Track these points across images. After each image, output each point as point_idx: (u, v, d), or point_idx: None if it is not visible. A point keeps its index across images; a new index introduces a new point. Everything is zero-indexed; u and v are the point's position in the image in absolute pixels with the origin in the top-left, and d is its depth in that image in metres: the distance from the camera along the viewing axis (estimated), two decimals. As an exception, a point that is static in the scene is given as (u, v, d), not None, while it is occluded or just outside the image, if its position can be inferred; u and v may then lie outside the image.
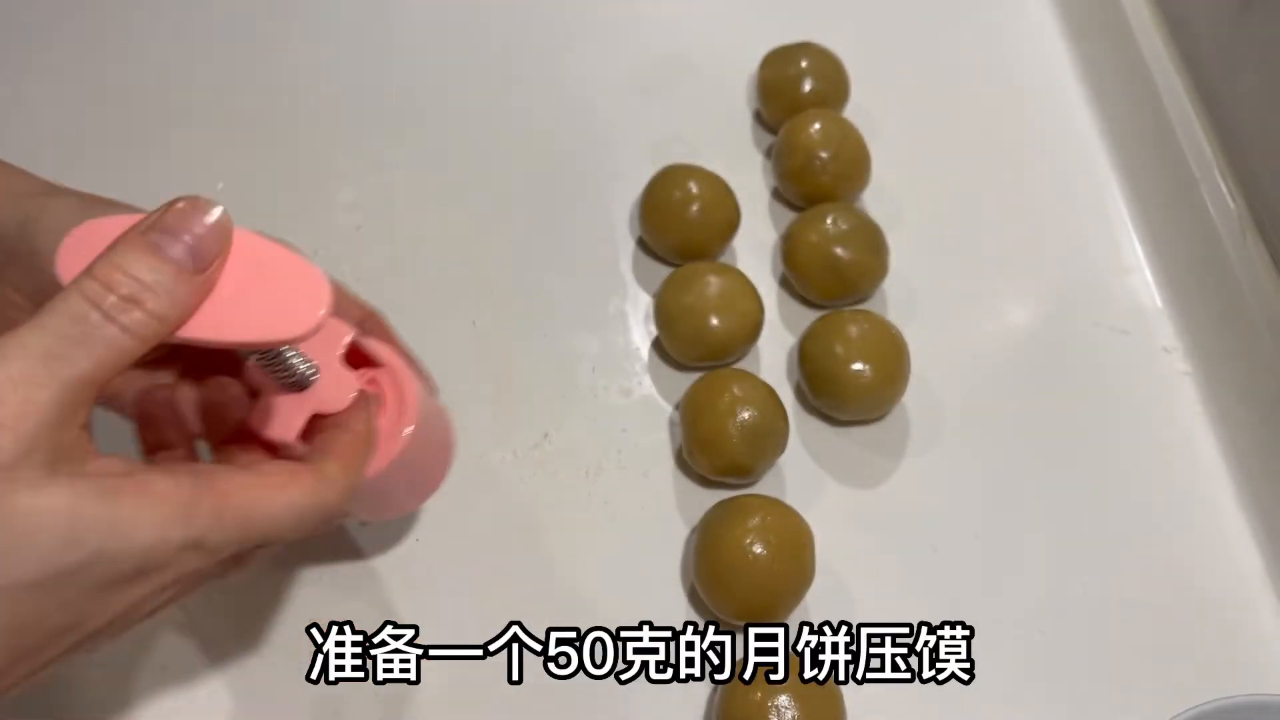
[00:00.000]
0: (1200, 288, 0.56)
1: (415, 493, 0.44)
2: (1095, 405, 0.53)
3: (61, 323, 0.26)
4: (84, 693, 0.45)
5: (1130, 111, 0.62)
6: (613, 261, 0.58)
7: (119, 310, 0.26)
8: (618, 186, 0.60)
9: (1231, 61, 0.56)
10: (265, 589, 0.47)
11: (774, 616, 0.45)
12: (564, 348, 0.54)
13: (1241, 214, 0.54)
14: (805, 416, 0.53)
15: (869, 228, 0.54)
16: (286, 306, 0.28)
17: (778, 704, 0.41)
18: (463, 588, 0.47)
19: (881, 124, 0.63)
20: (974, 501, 0.50)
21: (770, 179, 0.61)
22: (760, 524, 0.44)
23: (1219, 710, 0.40)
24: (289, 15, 0.52)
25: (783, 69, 0.61)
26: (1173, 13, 0.62)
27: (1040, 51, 0.68)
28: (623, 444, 0.51)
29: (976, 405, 0.53)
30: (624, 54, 0.66)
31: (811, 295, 0.55)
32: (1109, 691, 0.46)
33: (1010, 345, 0.55)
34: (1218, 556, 0.49)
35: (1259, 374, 0.51)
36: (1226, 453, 0.52)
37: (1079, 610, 0.47)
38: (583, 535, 0.49)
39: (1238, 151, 0.55)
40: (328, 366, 0.35)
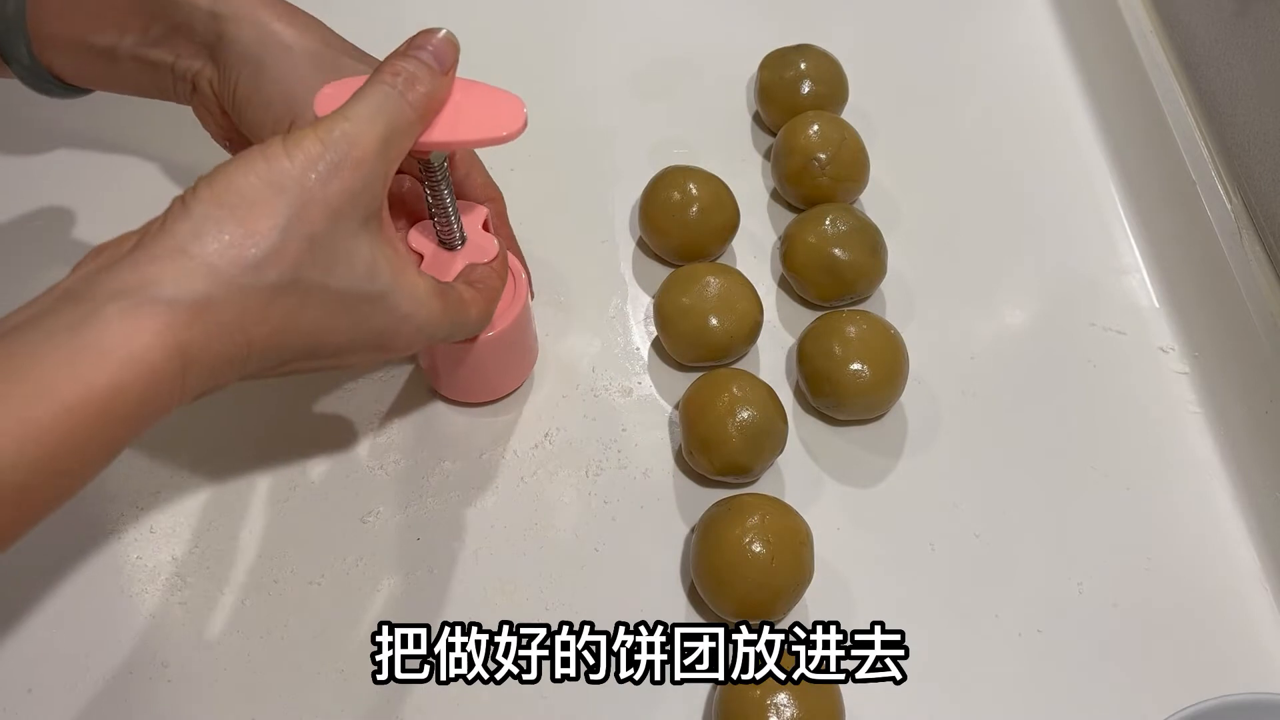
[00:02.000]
0: (1197, 288, 0.56)
1: (508, 375, 0.52)
2: (1092, 405, 0.54)
3: (375, 97, 0.36)
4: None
5: (1127, 113, 0.62)
6: (613, 262, 0.58)
7: (406, 87, 0.37)
8: (618, 187, 0.60)
9: (1228, 63, 0.56)
10: (266, 588, 0.47)
11: (773, 615, 0.45)
12: (564, 348, 0.54)
13: (1238, 214, 0.54)
14: (804, 416, 0.53)
15: (867, 229, 0.54)
16: (498, 117, 0.39)
17: (777, 702, 0.41)
18: (463, 587, 0.48)
19: (880, 126, 0.63)
20: (972, 500, 0.50)
21: (769, 180, 0.61)
22: (759, 523, 0.44)
23: (1216, 709, 0.40)
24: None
25: (782, 71, 0.61)
26: (1170, 15, 0.62)
27: (1038, 54, 0.68)
28: (623, 444, 0.52)
29: (974, 405, 0.53)
30: (624, 56, 0.66)
31: (810, 296, 0.55)
32: (1106, 689, 0.46)
33: (1008, 345, 0.56)
34: (1214, 555, 0.49)
35: (1256, 374, 0.51)
36: (1223, 452, 0.52)
37: (1076, 608, 0.48)
38: (583, 535, 0.49)
39: (1234, 152, 0.56)
40: (473, 232, 0.46)
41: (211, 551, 0.48)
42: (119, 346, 0.30)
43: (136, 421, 0.31)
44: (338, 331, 0.36)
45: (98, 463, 0.31)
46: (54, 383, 0.29)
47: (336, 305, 0.36)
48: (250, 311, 0.33)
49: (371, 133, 0.35)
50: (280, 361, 0.36)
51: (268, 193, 0.33)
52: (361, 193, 0.35)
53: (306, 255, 0.34)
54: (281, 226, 0.33)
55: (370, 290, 0.36)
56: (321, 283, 0.35)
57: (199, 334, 0.32)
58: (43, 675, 0.45)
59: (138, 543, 0.48)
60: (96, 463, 0.31)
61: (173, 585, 0.47)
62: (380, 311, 0.37)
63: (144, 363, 0.30)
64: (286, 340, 0.35)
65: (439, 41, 0.38)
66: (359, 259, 0.36)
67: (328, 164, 0.34)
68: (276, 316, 0.34)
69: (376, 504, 0.49)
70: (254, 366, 0.35)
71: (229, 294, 0.32)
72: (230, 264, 0.32)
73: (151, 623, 0.46)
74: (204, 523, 0.49)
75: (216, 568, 0.48)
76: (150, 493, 0.50)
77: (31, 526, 0.30)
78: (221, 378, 0.34)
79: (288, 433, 0.51)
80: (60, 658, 0.45)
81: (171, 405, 0.32)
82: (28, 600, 0.47)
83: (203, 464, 0.50)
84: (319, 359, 0.37)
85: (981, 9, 0.70)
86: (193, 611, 0.47)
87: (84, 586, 0.47)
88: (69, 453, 0.29)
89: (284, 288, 0.34)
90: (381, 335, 0.38)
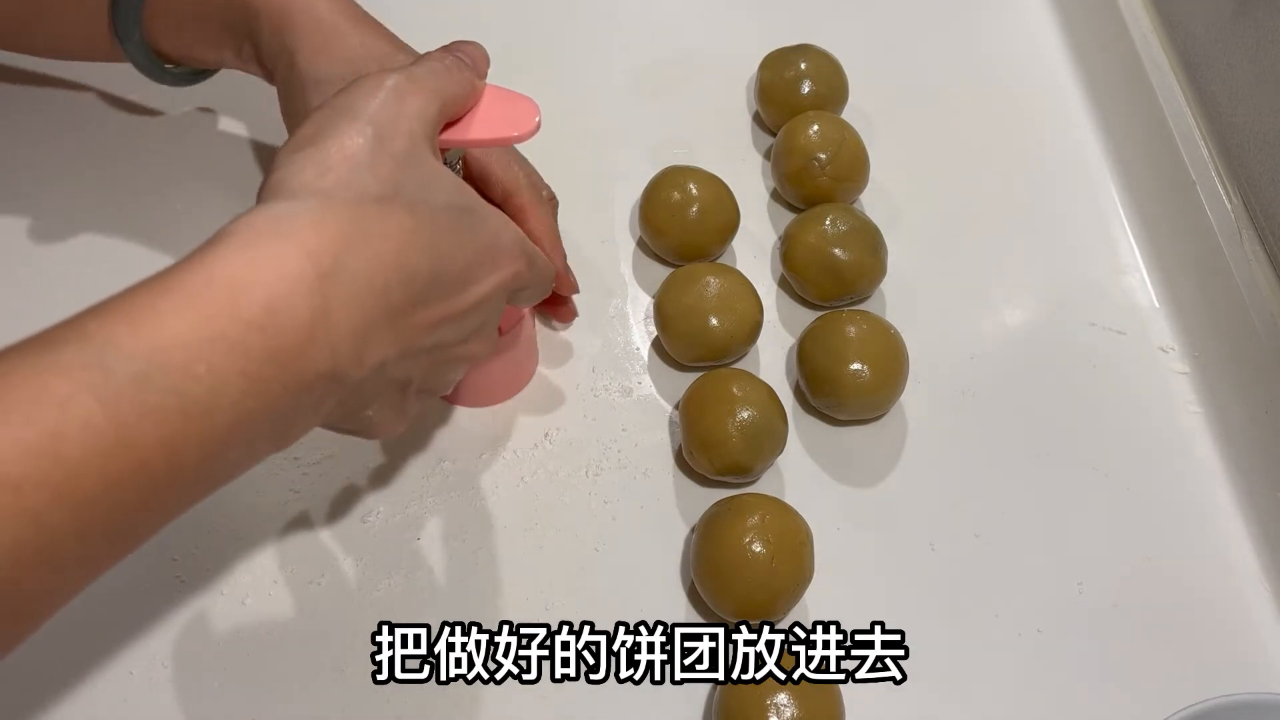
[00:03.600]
0: (1197, 288, 0.56)
1: (515, 379, 0.53)
2: (1092, 405, 0.54)
3: (431, 62, 0.38)
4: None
5: (1127, 112, 0.62)
6: (613, 261, 0.58)
7: (456, 65, 0.39)
8: (618, 187, 0.60)
9: (1228, 62, 0.56)
10: (266, 588, 0.47)
11: (773, 615, 0.45)
12: (564, 348, 0.54)
13: (1238, 214, 0.54)
14: (804, 416, 0.53)
15: (867, 229, 0.54)
16: (512, 117, 0.40)
17: (776, 702, 0.41)
18: (463, 587, 0.48)
19: (880, 126, 0.63)
20: (972, 500, 0.50)
21: (769, 180, 0.61)
22: (759, 523, 0.44)
23: (1215, 709, 0.40)
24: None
25: (782, 71, 0.61)
26: (1169, 15, 0.62)
27: (1038, 54, 0.68)
28: (623, 444, 0.52)
29: (974, 405, 0.53)
30: (624, 55, 0.66)
31: (810, 295, 0.55)
32: (1106, 689, 0.46)
33: (1007, 345, 0.56)
34: (1214, 555, 0.49)
35: (1256, 373, 0.51)
36: (1223, 452, 0.52)
37: (1076, 608, 0.48)
38: (583, 535, 0.49)
39: (1234, 152, 0.56)
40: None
41: (211, 551, 0.48)
42: (244, 266, 0.30)
43: (278, 338, 0.30)
44: (456, 248, 0.36)
45: (253, 384, 0.30)
46: (207, 301, 0.29)
47: (443, 219, 0.36)
48: (367, 220, 0.33)
49: (428, 83, 0.37)
50: (416, 296, 0.35)
51: (347, 120, 0.35)
52: (427, 116, 0.37)
53: (400, 171, 0.35)
54: (370, 147, 0.34)
55: (464, 203, 0.37)
56: (421, 198, 0.35)
57: (327, 243, 0.32)
58: (43, 675, 0.45)
59: (138, 543, 0.48)
60: (253, 382, 0.30)
61: (172, 585, 0.47)
62: (480, 222, 0.38)
63: (279, 267, 0.31)
64: (411, 259, 0.34)
65: (471, 48, 0.41)
66: (445, 176, 0.37)
67: (393, 89, 0.36)
68: (393, 229, 0.34)
69: (376, 504, 0.49)
70: (397, 298, 0.34)
71: (341, 209, 0.33)
72: (336, 181, 0.33)
73: (151, 623, 0.46)
74: (204, 523, 0.49)
75: (216, 568, 0.48)
76: (150, 493, 0.50)
77: (209, 446, 0.30)
78: (367, 308, 0.33)
79: (288, 433, 0.51)
80: (61, 658, 0.45)
81: (316, 331, 0.31)
82: (28, 600, 0.47)
83: (203, 464, 0.50)
84: (450, 289, 0.36)
85: (981, 9, 0.70)
86: (193, 611, 0.47)
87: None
88: (237, 367, 0.29)
89: (389, 199, 0.34)
90: (492, 249, 0.38)
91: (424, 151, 0.36)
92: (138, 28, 0.49)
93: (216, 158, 0.60)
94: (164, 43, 0.51)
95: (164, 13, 0.49)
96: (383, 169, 0.34)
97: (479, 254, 0.37)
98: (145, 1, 0.49)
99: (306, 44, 0.46)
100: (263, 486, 0.50)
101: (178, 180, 0.59)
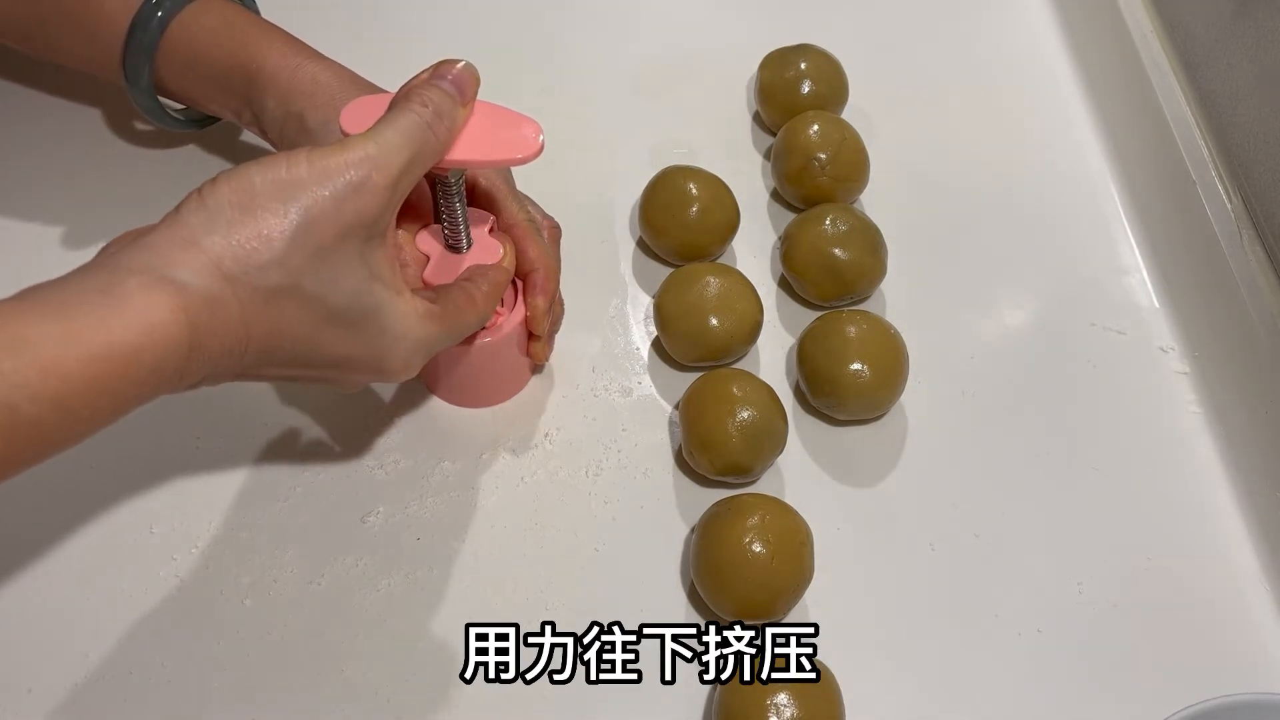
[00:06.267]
0: (1197, 288, 0.56)
1: (502, 384, 0.52)
2: (1092, 405, 0.54)
3: (404, 124, 0.38)
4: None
5: (1127, 113, 0.62)
6: (613, 261, 0.58)
7: (435, 120, 0.38)
8: (618, 187, 0.60)
9: (1228, 63, 0.56)
10: (266, 588, 0.47)
11: (773, 615, 0.45)
12: (564, 348, 0.54)
13: (1238, 214, 0.54)
14: (804, 416, 0.53)
15: (867, 229, 0.54)
16: (515, 140, 0.41)
17: (776, 702, 0.41)
18: (463, 587, 0.48)
19: (880, 125, 0.63)
20: (972, 500, 0.50)
21: (769, 180, 0.61)
22: (759, 523, 0.44)
23: (1215, 709, 0.40)
24: (288, 19, 0.52)
25: (782, 71, 0.61)
26: (1170, 15, 0.62)
27: (1038, 54, 0.68)
28: (623, 444, 0.52)
29: (974, 405, 0.53)
30: (624, 56, 0.66)
31: (810, 296, 0.55)
32: (1106, 689, 0.46)
33: (1008, 345, 0.56)
34: (1214, 555, 0.49)
35: (1256, 374, 0.51)
36: (1223, 452, 0.52)
37: (1076, 608, 0.48)
38: (583, 535, 0.49)
39: (1234, 152, 0.56)
40: (480, 236, 0.46)
41: (211, 552, 0.48)
42: (141, 314, 0.32)
43: (144, 388, 0.33)
44: (332, 344, 0.38)
45: (104, 417, 0.32)
46: (82, 333, 0.31)
47: (333, 318, 0.37)
48: (251, 308, 0.35)
49: (397, 160, 0.37)
50: (275, 363, 0.37)
51: (283, 199, 0.35)
52: (375, 218, 0.37)
53: (310, 266, 0.35)
54: (290, 235, 0.35)
55: (367, 307, 0.38)
56: (320, 294, 0.36)
57: (205, 318, 0.33)
58: (43, 675, 0.45)
59: (137, 543, 0.48)
60: (103, 417, 0.32)
61: (172, 585, 0.47)
62: (374, 331, 0.39)
63: (160, 332, 0.32)
64: (282, 343, 0.36)
65: (460, 72, 0.40)
66: (359, 278, 0.37)
67: (348, 183, 0.36)
68: (274, 318, 0.35)
69: (376, 504, 0.49)
70: (250, 363, 0.36)
71: (234, 291, 0.34)
72: (237, 262, 0.34)
73: (151, 623, 0.46)
74: (204, 523, 0.49)
75: (216, 568, 0.48)
76: (150, 493, 0.50)
77: (34, 463, 0.32)
78: (219, 368, 0.35)
79: (288, 432, 0.51)
80: (60, 658, 0.45)
81: (174, 383, 0.34)
82: (28, 600, 0.47)
83: (203, 464, 0.50)
84: (314, 368, 0.39)
85: (981, 9, 0.70)
86: (193, 611, 0.47)
87: (84, 586, 0.47)
88: (84, 400, 0.31)
89: (285, 292, 0.35)
90: (375, 355, 0.39)
91: (348, 250, 0.36)
92: (148, 68, 0.50)
93: (217, 164, 0.60)
94: (171, 84, 0.51)
95: (172, 52, 0.49)
96: (294, 261, 0.35)
97: (358, 355, 0.39)
98: (159, 48, 0.49)
99: (311, 102, 0.47)
100: (262, 486, 0.50)
101: (179, 186, 0.59)
